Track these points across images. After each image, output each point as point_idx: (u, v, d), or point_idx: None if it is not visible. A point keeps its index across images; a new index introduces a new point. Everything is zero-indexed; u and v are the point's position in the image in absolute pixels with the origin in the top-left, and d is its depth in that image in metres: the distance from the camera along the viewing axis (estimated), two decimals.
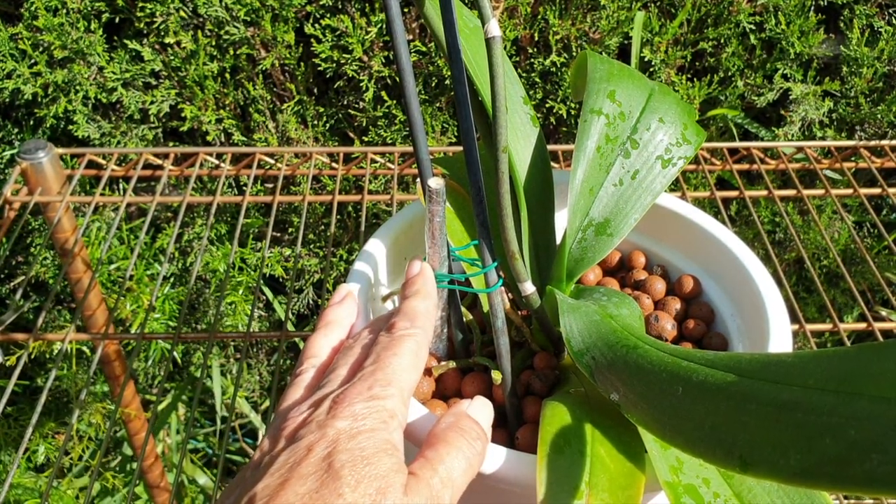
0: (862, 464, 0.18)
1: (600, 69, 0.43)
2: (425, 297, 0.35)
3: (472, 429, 0.32)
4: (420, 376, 0.33)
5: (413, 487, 0.28)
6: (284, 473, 0.27)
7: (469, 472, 0.31)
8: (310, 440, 0.28)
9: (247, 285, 0.99)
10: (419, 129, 0.33)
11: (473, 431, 0.32)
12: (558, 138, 0.94)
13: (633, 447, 0.33)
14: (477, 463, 0.31)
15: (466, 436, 0.31)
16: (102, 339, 0.58)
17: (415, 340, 0.33)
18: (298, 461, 0.27)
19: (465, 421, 0.32)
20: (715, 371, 0.25)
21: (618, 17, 0.83)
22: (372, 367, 0.31)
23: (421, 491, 0.28)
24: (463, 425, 0.32)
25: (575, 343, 0.34)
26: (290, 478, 0.27)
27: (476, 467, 0.31)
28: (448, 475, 0.30)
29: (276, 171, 0.75)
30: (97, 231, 0.96)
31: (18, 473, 1.04)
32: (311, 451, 0.28)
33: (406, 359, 0.32)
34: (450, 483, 0.29)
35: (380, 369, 0.31)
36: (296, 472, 0.27)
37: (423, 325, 0.34)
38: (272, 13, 0.84)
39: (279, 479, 0.27)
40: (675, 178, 0.42)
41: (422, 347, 0.33)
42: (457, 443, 0.31)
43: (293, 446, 0.28)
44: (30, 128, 0.93)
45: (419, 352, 0.33)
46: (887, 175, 0.95)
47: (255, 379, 1.14)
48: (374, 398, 0.30)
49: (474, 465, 0.31)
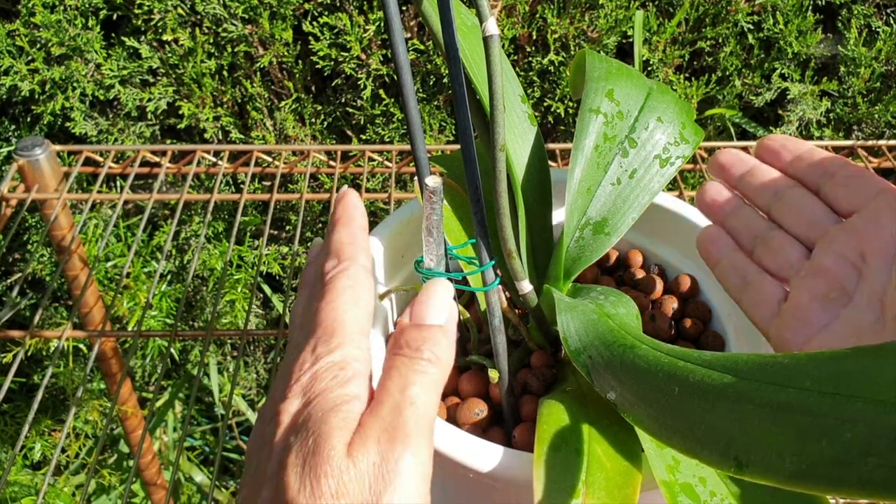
0: (858, 466, 0.18)
1: (599, 68, 0.43)
2: (346, 224, 0.32)
3: (418, 349, 0.28)
4: (369, 305, 0.30)
5: (358, 446, 0.25)
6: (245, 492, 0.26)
7: (429, 401, 0.27)
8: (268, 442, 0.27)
9: (244, 283, 0.98)
10: (417, 127, 0.33)
11: (420, 352, 0.28)
12: (556, 137, 0.94)
13: (630, 446, 0.33)
14: (434, 387, 0.28)
15: (415, 364, 0.27)
16: (99, 337, 0.58)
17: (346, 275, 0.30)
18: (261, 471, 0.26)
19: (409, 336, 0.29)
20: (712, 371, 0.25)
21: (616, 16, 0.83)
22: (311, 327, 0.29)
23: (367, 446, 0.25)
24: (406, 349, 0.28)
25: (572, 342, 0.34)
26: (247, 496, 0.26)
27: (436, 392, 0.28)
28: (400, 418, 0.26)
29: (273, 168, 0.75)
30: (94, 228, 0.96)
31: (15, 471, 1.04)
32: (270, 455, 0.26)
33: (342, 299, 0.29)
34: (403, 428, 0.26)
35: (318, 325, 0.29)
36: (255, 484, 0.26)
37: (352, 255, 0.31)
38: (270, 11, 0.83)
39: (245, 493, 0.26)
40: (673, 177, 0.42)
41: (357, 278, 0.30)
42: (406, 377, 0.27)
43: (257, 456, 0.27)
44: (27, 125, 0.93)
45: (355, 285, 0.30)
46: (884, 175, 0.95)
47: (252, 377, 1.14)
48: (318, 359, 0.28)
49: (431, 391, 0.27)
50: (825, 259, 0.35)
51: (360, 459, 0.25)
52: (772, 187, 0.39)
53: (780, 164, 0.40)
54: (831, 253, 0.35)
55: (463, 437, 0.35)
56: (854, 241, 0.35)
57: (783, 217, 0.38)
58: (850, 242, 0.35)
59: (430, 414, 0.27)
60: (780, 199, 0.39)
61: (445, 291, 0.30)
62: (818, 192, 0.38)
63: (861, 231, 0.35)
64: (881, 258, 0.34)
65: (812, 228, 0.37)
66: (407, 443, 0.25)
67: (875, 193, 0.35)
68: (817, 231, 0.37)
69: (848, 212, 0.36)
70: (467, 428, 0.39)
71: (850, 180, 0.37)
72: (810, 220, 0.37)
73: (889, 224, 0.34)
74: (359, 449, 0.25)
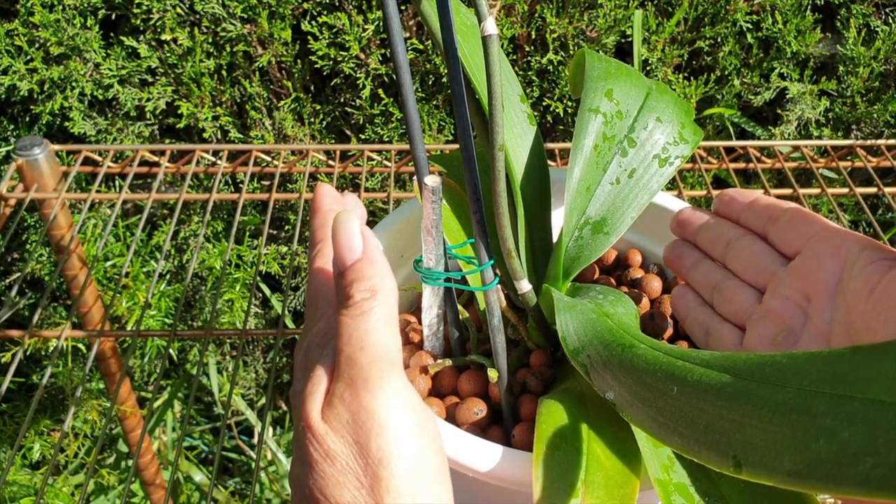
0: (856, 466, 0.18)
1: (598, 67, 0.43)
2: (315, 213, 0.34)
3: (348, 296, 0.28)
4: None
5: (327, 410, 0.26)
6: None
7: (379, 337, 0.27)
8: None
9: (243, 282, 0.98)
10: (416, 126, 0.33)
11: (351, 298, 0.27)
12: (555, 136, 0.94)
13: (629, 445, 0.33)
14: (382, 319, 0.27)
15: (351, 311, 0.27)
16: (98, 337, 0.58)
17: (320, 255, 0.32)
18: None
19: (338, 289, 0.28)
20: (710, 371, 0.25)
21: (615, 15, 0.83)
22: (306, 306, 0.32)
23: (335, 408, 0.26)
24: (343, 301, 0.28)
25: (571, 341, 0.34)
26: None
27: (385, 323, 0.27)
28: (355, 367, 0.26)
29: (272, 168, 0.75)
30: (93, 228, 0.96)
31: (13, 471, 1.04)
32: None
33: (318, 275, 0.31)
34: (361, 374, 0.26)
35: (308, 303, 0.31)
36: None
37: (323, 237, 0.33)
38: (269, 10, 0.83)
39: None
40: (672, 176, 0.42)
41: (326, 254, 0.32)
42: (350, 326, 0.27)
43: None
44: (26, 124, 0.93)
45: (327, 260, 0.31)
46: (883, 174, 0.95)
47: (251, 376, 1.14)
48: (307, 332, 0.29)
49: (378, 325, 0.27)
50: (773, 302, 0.37)
51: (333, 422, 0.26)
52: (724, 238, 0.41)
53: (733, 215, 0.42)
54: (778, 296, 0.37)
55: (462, 436, 0.35)
56: (798, 282, 0.36)
57: (736, 265, 0.40)
58: (795, 284, 0.36)
59: (386, 346, 0.27)
60: (732, 249, 0.41)
61: (347, 223, 0.29)
62: (766, 237, 0.40)
63: (803, 272, 0.36)
64: (823, 297, 0.35)
65: (762, 273, 0.39)
66: (369, 386, 0.26)
67: (815, 233, 0.37)
68: (766, 275, 0.38)
69: (793, 253, 0.38)
70: (466, 427, 0.39)
71: (792, 222, 0.38)
72: (759, 266, 0.39)
73: (828, 263, 0.36)
74: (329, 412, 0.26)
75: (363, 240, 0.29)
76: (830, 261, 0.35)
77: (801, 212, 0.38)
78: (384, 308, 0.27)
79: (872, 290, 0.32)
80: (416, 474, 0.25)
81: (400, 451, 0.25)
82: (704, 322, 0.40)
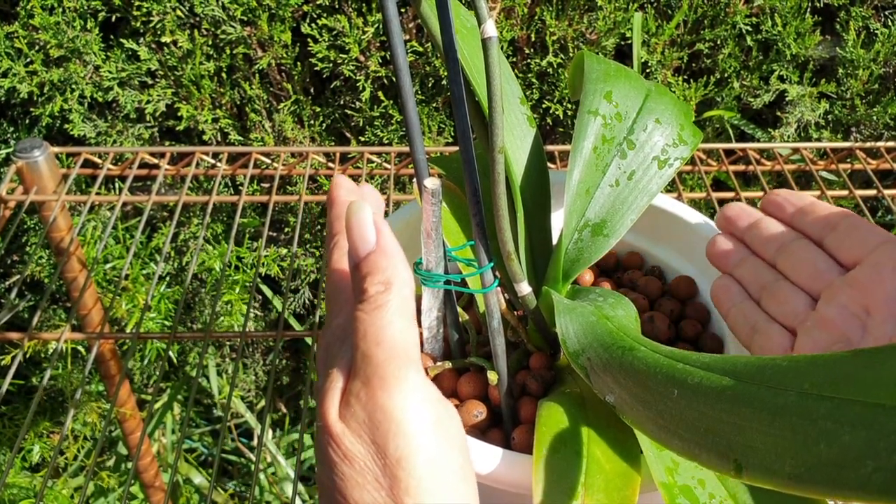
0: (856, 470, 0.18)
1: (597, 70, 0.43)
2: (331, 206, 0.34)
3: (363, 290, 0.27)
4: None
5: (344, 410, 0.26)
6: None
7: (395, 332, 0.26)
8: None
9: (243, 284, 0.98)
10: (416, 129, 0.33)
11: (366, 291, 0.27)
12: (555, 139, 0.94)
13: (629, 448, 0.33)
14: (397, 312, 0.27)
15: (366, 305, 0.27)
16: (98, 339, 0.58)
17: (336, 247, 0.32)
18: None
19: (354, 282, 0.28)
20: (710, 374, 0.25)
21: (614, 17, 0.83)
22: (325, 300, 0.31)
23: (352, 407, 0.25)
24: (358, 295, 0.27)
25: (571, 344, 0.34)
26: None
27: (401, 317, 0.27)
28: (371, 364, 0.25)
29: (272, 170, 0.75)
30: (93, 230, 0.96)
31: (13, 473, 1.04)
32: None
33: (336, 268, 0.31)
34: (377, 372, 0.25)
35: (326, 298, 0.31)
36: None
37: (338, 229, 0.32)
38: (269, 13, 0.83)
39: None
40: (672, 178, 0.42)
41: (342, 246, 0.31)
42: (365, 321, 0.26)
43: None
44: (25, 126, 0.93)
45: (343, 253, 0.31)
46: (883, 176, 0.95)
47: (251, 378, 1.14)
48: (327, 328, 0.29)
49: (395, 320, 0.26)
50: (829, 311, 0.36)
51: (350, 422, 0.25)
52: (777, 240, 0.40)
53: (784, 216, 0.41)
54: (835, 305, 0.36)
55: None
56: (858, 293, 0.35)
57: (788, 268, 0.39)
58: (854, 295, 0.36)
59: (401, 341, 0.26)
60: (784, 251, 0.39)
61: (360, 212, 0.29)
62: (821, 243, 0.39)
63: (864, 284, 0.35)
64: (884, 311, 0.34)
65: (816, 280, 0.38)
66: (385, 385, 0.25)
67: (876, 245, 0.36)
68: (821, 282, 0.37)
69: (851, 263, 0.37)
70: (466, 430, 0.39)
71: (852, 231, 0.37)
72: (814, 272, 0.38)
73: (891, 277, 0.35)
74: (346, 412, 0.26)
75: (377, 230, 0.28)
76: (894, 274, 0.34)
77: (861, 220, 0.37)
78: (399, 300, 0.27)
79: None
80: (437, 473, 0.25)
81: (418, 450, 0.25)
82: (751, 318, 0.39)
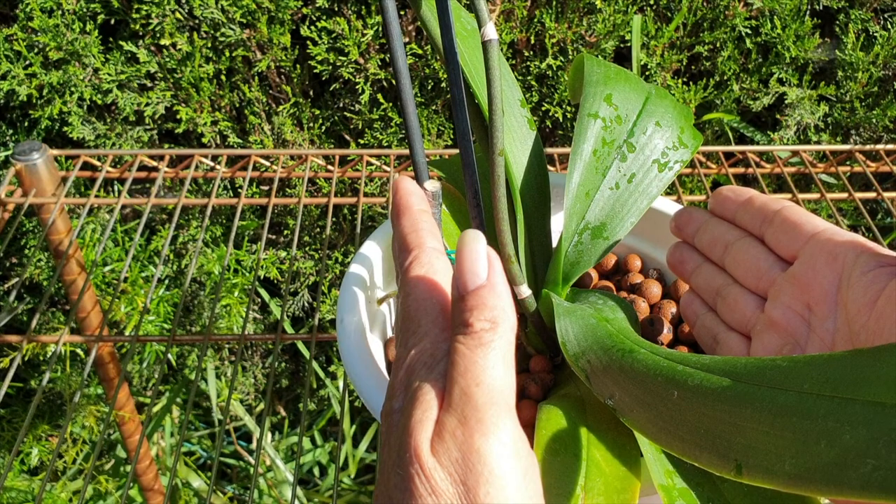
0: (857, 469, 0.18)
1: (597, 72, 0.43)
2: (405, 213, 0.32)
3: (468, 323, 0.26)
4: (447, 283, 0.29)
5: (437, 444, 0.25)
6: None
7: (497, 373, 0.26)
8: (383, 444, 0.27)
9: (242, 287, 0.98)
10: (415, 131, 0.33)
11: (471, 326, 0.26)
12: (554, 141, 0.94)
13: (629, 451, 0.33)
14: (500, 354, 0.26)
15: (470, 340, 0.26)
16: (96, 342, 0.58)
17: (418, 264, 0.30)
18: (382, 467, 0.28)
19: (455, 313, 0.27)
20: (710, 375, 0.25)
21: (614, 20, 0.83)
22: (401, 322, 0.29)
23: (446, 443, 0.25)
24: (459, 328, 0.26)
25: (571, 347, 0.34)
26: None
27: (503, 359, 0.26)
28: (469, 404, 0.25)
29: (271, 173, 0.75)
30: (92, 233, 0.96)
31: (11, 476, 1.04)
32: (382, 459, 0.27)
33: (418, 289, 0.29)
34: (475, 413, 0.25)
35: (405, 319, 0.29)
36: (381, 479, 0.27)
37: (418, 243, 0.31)
38: (268, 15, 0.83)
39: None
40: (672, 181, 0.42)
41: (429, 263, 0.30)
42: (467, 357, 0.26)
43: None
44: (24, 129, 0.93)
45: (428, 270, 0.30)
46: (882, 179, 0.95)
47: (249, 381, 1.14)
48: (409, 352, 0.28)
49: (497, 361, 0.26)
50: (775, 312, 0.36)
51: (443, 458, 0.25)
52: (722, 240, 0.40)
53: (729, 214, 0.41)
54: (780, 305, 0.36)
55: None
56: (798, 291, 0.36)
57: (735, 270, 0.39)
58: (795, 293, 0.36)
59: (501, 386, 0.26)
60: (730, 253, 0.40)
61: (474, 243, 0.28)
62: (763, 239, 0.39)
63: (802, 280, 0.36)
64: (824, 307, 0.35)
65: (761, 279, 0.38)
66: (482, 429, 0.25)
67: (808, 237, 0.36)
68: (766, 281, 0.38)
69: (790, 257, 0.37)
70: None
71: (786, 225, 0.37)
72: (758, 271, 0.38)
73: (825, 271, 0.35)
74: (439, 447, 0.25)
75: (489, 264, 0.27)
76: (827, 269, 0.35)
77: (792, 213, 0.37)
78: (504, 343, 0.26)
79: (874, 303, 0.32)
80: None
81: (507, 500, 0.24)
82: (712, 329, 0.40)
